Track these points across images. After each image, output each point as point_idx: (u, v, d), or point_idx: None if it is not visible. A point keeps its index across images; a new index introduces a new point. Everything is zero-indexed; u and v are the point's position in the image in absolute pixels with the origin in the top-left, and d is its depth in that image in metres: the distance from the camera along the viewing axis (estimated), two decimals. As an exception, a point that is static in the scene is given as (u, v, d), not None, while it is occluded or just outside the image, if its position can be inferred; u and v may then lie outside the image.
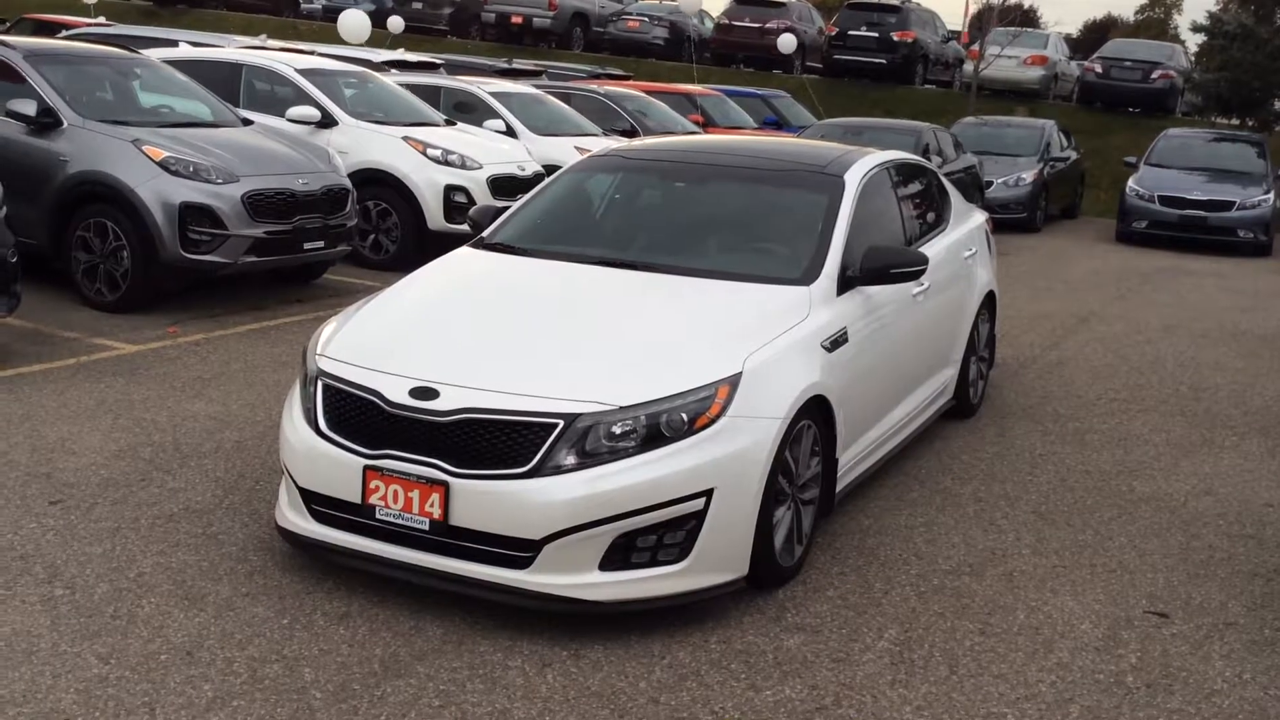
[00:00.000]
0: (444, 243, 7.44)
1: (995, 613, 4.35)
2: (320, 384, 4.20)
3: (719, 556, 4.02)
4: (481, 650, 3.80)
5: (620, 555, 3.88)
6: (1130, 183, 16.77)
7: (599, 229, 5.60)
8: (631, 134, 13.68)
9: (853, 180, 5.42)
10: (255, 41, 15.38)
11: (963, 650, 4.04)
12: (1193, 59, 26.64)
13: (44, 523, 4.58)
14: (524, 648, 3.83)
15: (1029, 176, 16.84)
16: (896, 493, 5.56)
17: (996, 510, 5.44)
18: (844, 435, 4.75)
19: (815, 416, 4.47)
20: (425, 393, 3.95)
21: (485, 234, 5.44)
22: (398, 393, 3.98)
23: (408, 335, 4.40)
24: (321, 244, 8.74)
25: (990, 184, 16.42)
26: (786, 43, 24.55)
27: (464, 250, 5.36)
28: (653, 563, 3.92)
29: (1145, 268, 14.14)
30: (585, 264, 5.00)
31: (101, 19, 20.03)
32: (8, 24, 19.09)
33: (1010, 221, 16.44)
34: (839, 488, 4.86)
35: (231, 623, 3.87)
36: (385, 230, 10.40)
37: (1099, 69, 24.26)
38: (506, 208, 5.71)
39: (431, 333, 4.41)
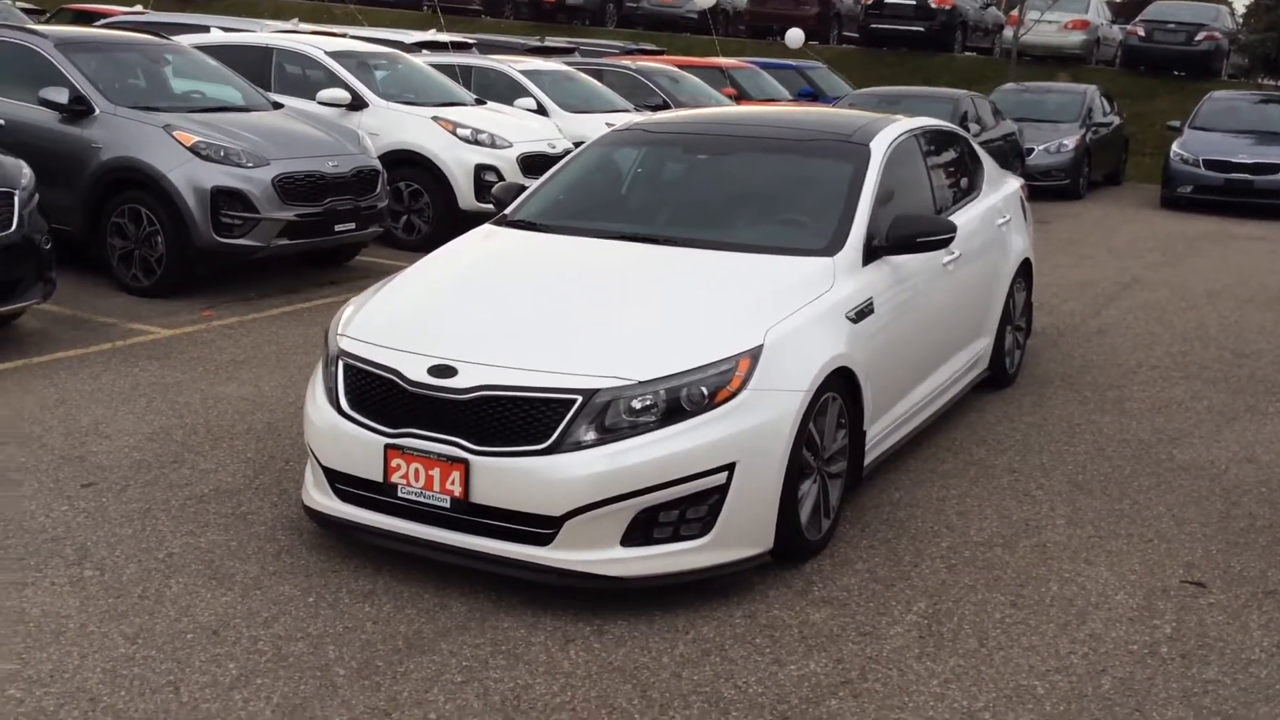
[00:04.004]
0: (476, 222, 7.34)
1: (1027, 584, 4.29)
2: (341, 364, 4.20)
3: (743, 531, 3.98)
4: (505, 626, 3.79)
5: (642, 530, 3.85)
6: (1175, 147, 16.44)
7: (621, 204, 5.55)
8: (664, 109, 13.59)
9: (879, 148, 5.33)
10: (287, 26, 15.44)
11: (993, 622, 3.98)
12: (1239, 20, 26.06)
13: (76, 505, 4.62)
14: (547, 624, 3.82)
15: (1071, 143, 16.56)
16: (928, 465, 5.50)
17: (1031, 481, 5.36)
18: (871, 408, 4.69)
19: (841, 389, 4.41)
20: (444, 371, 3.94)
21: (507, 211, 5.41)
22: (417, 371, 3.97)
23: (427, 314, 4.39)
24: (353, 226, 8.76)
25: (1031, 151, 16.17)
26: None
27: (485, 228, 5.34)
28: (675, 538, 3.89)
29: (1190, 233, 13.87)
30: (607, 239, 4.96)
31: (139, 7, 20.18)
32: (47, 15, 19.29)
33: (1052, 189, 16.19)
34: (868, 460, 4.80)
35: (258, 601, 3.89)
36: (417, 211, 10.41)
37: (1142, 32, 23.77)
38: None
39: (451, 311, 4.39)
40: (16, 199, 6.62)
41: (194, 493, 4.79)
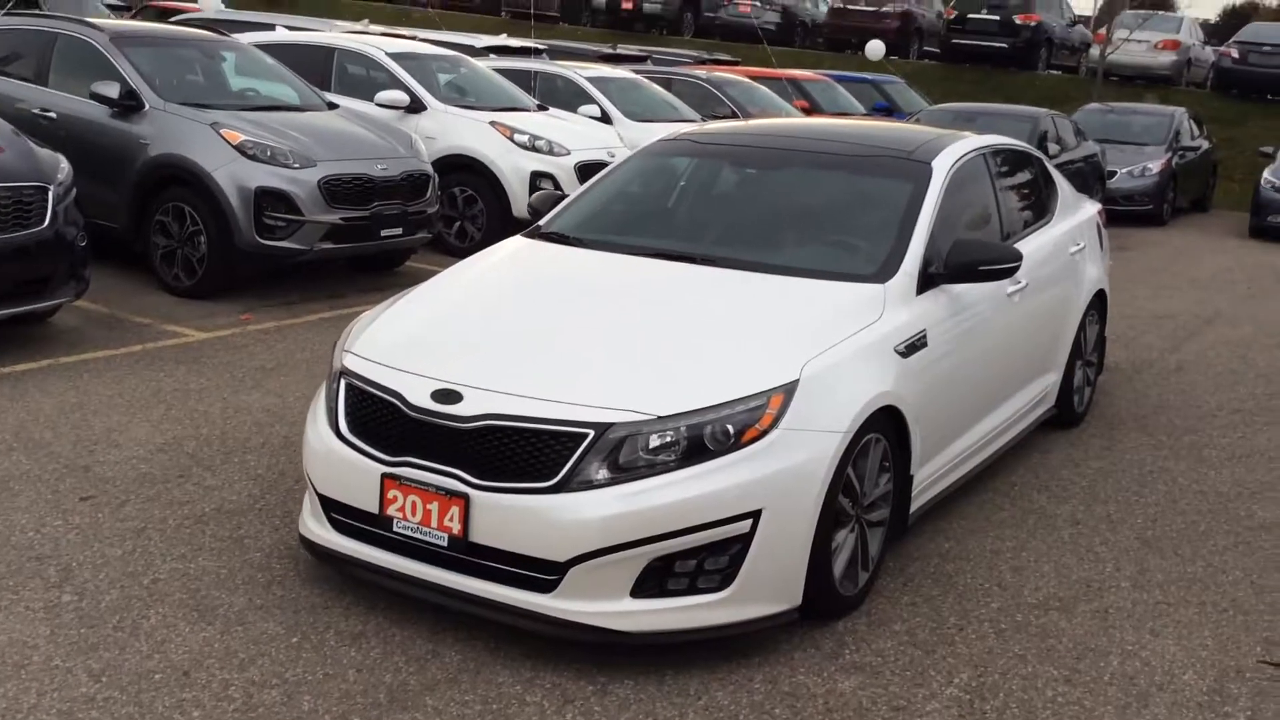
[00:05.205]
0: (518, 231, 7.13)
1: (1085, 657, 3.86)
2: (342, 383, 3.91)
3: (767, 585, 3.61)
4: (500, 681, 3.46)
5: (655, 581, 3.50)
6: (1266, 174, 15.72)
7: (661, 219, 5.21)
8: (733, 120, 13.24)
9: (942, 167, 4.94)
10: (357, 26, 15.34)
11: (1043, 701, 3.56)
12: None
13: (69, 520, 4.39)
14: (545, 680, 3.48)
15: (1156, 166, 15.91)
16: (984, 512, 5.07)
17: (1096, 535, 4.92)
18: (920, 450, 4.30)
19: (885, 429, 4.03)
20: (448, 396, 3.62)
21: (541, 223, 5.10)
22: (419, 395, 3.66)
23: (438, 332, 4.08)
24: (400, 231, 8.52)
25: (1114, 174, 15.55)
26: None
27: (515, 240, 5.02)
28: (691, 590, 3.53)
29: (1279, 265, 13.20)
30: (642, 257, 4.62)
31: (220, 4, 20.23)
32: (133, 10, 19.45)
33: (1135, 214, 15.57)
34: (915, 507, 4.41)
35: (237, 640, 3.61)
36: (471, 217, 10.17)
37: (1236, 54, 22.90)
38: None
39: (463, 330, 4.08)
40: (51, 194, 6.46)
41: (193, 512, 4.53)
